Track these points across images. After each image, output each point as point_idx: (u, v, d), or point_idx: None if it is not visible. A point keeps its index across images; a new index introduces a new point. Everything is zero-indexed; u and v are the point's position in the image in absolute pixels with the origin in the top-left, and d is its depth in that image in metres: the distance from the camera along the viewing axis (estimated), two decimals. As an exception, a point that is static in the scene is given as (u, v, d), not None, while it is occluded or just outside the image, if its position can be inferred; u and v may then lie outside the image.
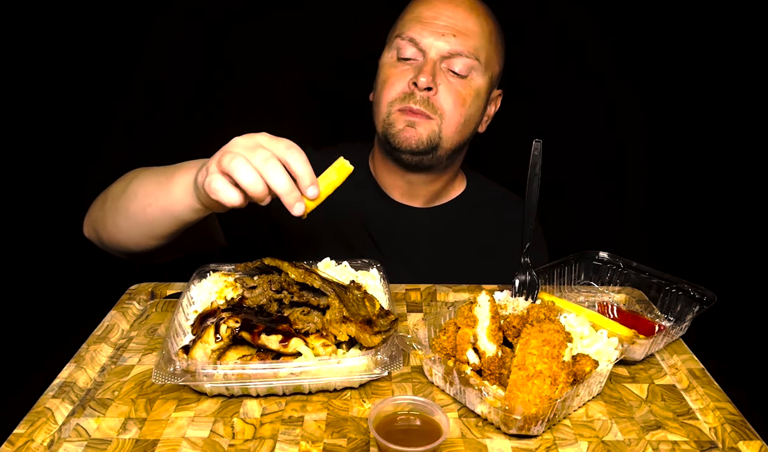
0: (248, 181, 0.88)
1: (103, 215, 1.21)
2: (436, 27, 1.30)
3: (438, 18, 1.31)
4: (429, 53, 1.30)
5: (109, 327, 1.08)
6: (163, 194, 1.06)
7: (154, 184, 1.09)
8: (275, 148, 0.90)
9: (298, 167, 0.90)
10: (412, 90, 1.30)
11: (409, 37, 1.31)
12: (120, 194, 1.15)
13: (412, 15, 1.34)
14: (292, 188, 0.89)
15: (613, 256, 1.26)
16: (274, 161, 0.89)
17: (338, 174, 0.97)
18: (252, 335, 0.90)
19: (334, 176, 0.97)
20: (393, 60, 1.35)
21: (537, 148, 1.09)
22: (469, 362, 0.90)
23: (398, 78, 1.32)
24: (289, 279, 0.99)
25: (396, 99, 1.32)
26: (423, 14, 1.32)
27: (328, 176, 0.97)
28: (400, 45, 1.33)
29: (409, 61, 1.33)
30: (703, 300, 1.10)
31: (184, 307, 1.05)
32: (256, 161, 0.88)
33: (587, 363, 0.89)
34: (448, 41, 1.30)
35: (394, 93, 1.32)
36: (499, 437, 0.84)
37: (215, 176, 0.90)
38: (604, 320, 1.05)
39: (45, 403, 0.87)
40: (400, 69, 1.33)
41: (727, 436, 0.86)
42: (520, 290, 1.14)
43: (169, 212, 1.07)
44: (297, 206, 0.90)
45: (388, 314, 0.99)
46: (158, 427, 0.85)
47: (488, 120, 1.47)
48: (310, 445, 0.82)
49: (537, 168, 1.08)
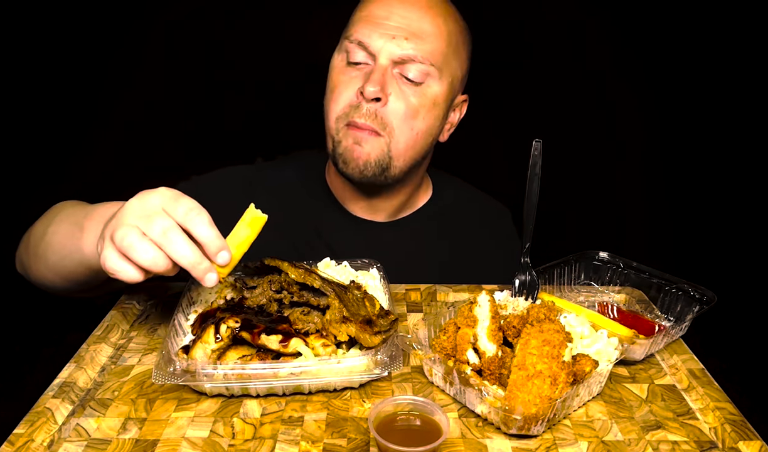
0: (147, 259, 0.79)
1: (27, 257, 1.16)
2: (386, 28, 1.17)
3: (389, 18, 1.17)
4: (379, 58, 1.17)
5: (109, 327, 1.08)
6: (76, 248, 0.98)
7: (68, 235, 1.01)
8: (174, 212, 0.81)
9: (202, 232, 0.81)
10: (359, 101, 1.18)
11: (358, 39, 1.18)
12: (40, 239, 1.09)
13: (361, 13, 1.21)
14: (200, 258, 0.81)
15: (613, 256, 1.26)
16: (174, 230, 0.80)
17: (251, 227, 0.88)
18: (252, 335, 0.90)
19: (246, 232, 0.87)
20: (342, 65, 1.22)
21: (537, 148, 1.08)
22: (469, 362, 0.90)
23: (346, 86, 1.20)
24: (289, 279, 0.99)
25: (342, 114, 1.20)
26: (373, 13, 1.19)
27: (238, 233, 0.87)
28: (348, 48, 1.20)
29: (359, 66, 1.20)
30: (703, 300, 1.10)
31: (184, 307, 1.05)
32: (154, 233, 0.79)
33: (587, 363, 0.89)
34: (400, 44, 1.16)
35: (341, 105, 1.20)
36: (499, 437, 0.84)
37: (110, 254, 0.80)
38: (604, 320, 1.05)
39: (45, 403, 0.87)
40: (349, 75, 1.20)
41: (727, 436, 0.86)
42: (520, 290, 1.14)
43: (83, 264, 0.99)
44: (208, 278, 0.82)
45: (388, 314, 0.99)
46: (158, 427, 0.85)
47: (451, 128, 1.35)
48: (310, 445, 0.82)
49: (537, 168, 1.08)
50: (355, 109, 1.18)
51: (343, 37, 1.23)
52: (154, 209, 0.81)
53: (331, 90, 1.23)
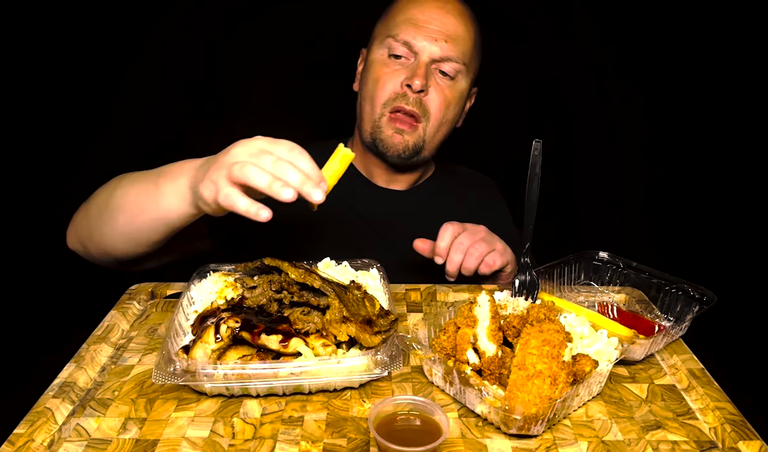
0: (263, 185, 0.89)
1: (88, 226, 1.20)
2: (429, 31, 1.36)
3: (431, 22, 1.37)
4: (422, 56, 1.36)
5: (109, 327, 1.08)
6: (153, 202, 1.06)
7: (142, 193, 1.08)
8: (278, 151, 0.92)
9: (303, 165, 0.92)
10: (404, 91, 1.36)
11: (404, 39, 1.36)
12: (105, 205, 1.15)
13: (404, 16, 1.39)
14: (306, 178, 0.91)
15: (613, 256, 1.27)
16: (282, 161, 0.91)
17: (341, 163, 0.99)
18: (252, 335, 0.90)
19: (337, 166, 0.99)
20: (384, 58, 1.40)
21: (537, 148, 1.09)
22: (469, 362, 0.90)
23: (390, 77, 1.38)
24: (289, 279, 0.99)
25: (388, 100, 1.38)
26: (416, 17, 1.37)
27: (330, 166, 0.98)
28: (392, 44, 1.38)
29: (400, 60, 1.38)
30: (703, 300, 1.10)
31: (184, 307, 1.05)
32: (266, 164, 0.90)
33: (587, 363, 0.89)
34: (440, 46, 1.36)
35: (387, 94, 1.38)
36: (499, 437, 0.84)
37: (229, 190, 0.91)
38: (604, 320, 1.05)
39: (45, 403, 0.87)
40: (392, 68, 1.38)
41: (727, 436, 0.86)
42: (520, 290, 1.14)
43: (160, 220, 1.07)
44: (315, 193, 0.90)
45: (388, 314, 0.99)
46: (158, 427, 0.85)
47: (464, 115, 1.54)
48: (310, 445, 0.82)
49: (537, 168, 1.08)
50: (401, 97, 1.36)
51: (386, 35, 1.39)
52: (260, 148, 0.92)
53: (374, 80, 1.39)
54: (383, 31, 1.42)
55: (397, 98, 1.37)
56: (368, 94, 1.41)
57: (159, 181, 1.06)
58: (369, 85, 1.41)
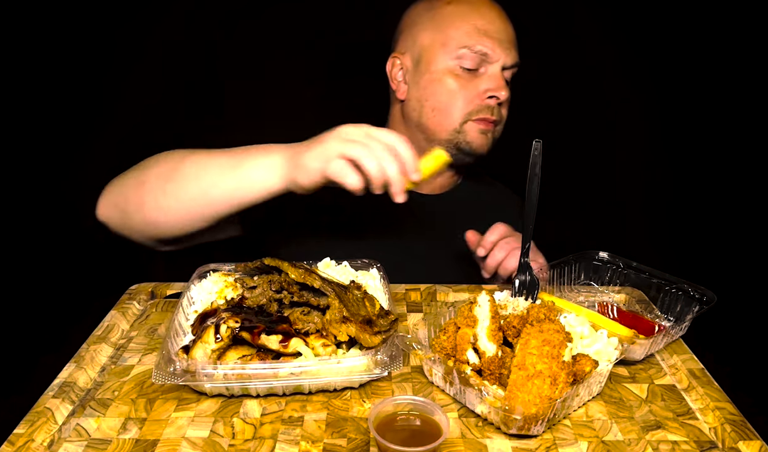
0: (372, 169, 0.99)
1: (139, 195, 1.19)
2: (502, 42, 1.38)
3: (500, 32, 1.39)
4: (497, 66, 1.39)
5: (109, 327, 1.08)
6: (231, 177, 1.11)
7: (224, 166, 1.13)
8: (386, 139, 1.02)
9: (405, 154, 1.01)
10: (486, 103, 1.38)
11: (482, 51, 1.36)
12: (169, 175, 1.17)
13: (471, 25, 1.38)
14: (401, 176, 1.01)
15: (613, 256, 1.26)
16: (389, 150, 1.00)
17: (435, 161, 1.08)
18: (252, 336, 0.90)
19: (431, 163, 1.08)
20: (458, 69, 1.39)
21: (537, 148, 1.09)
22: (469, 362, 0.90)
23: (469, 90, 1.39)
24: (289, 279, 0.99)
25: (468, 111, 1.39)
26: (486, 27, 1.37)
27: (425, 161, 1.07)
28: (465, 55, 1.37)
29: (472, 72, 1.39)
30: (703, 300, 1.10)
31: (184, 307, 1.05)
32: (376, 151, 1.00)
33: (587, 363, 0.89)
34: (511, 55, 1.40)
35: (468, 105, 1.39)
36: (499, 437, 0.84)
37: (339, 162, 1.01)
38: (604, 320, 1.05)
39: (45, 403, 0.87)
40: (467, 79, 1.39)
41: (727, 436, 0.86)
42: (520, 290, 1.14)
43: (236, 194, 1.12)
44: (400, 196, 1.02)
45: (388, 314, 0.99)
46: (158, 427, 0.85)
47: None
48: (310, 445, 0.82)
49: (537, 168, 1.08)
50: (485, 108, 1.39)
51: (457, 45, 1.38)
52: (369, 134, 1.02)
53: (451, 91, 1.39)
54: (447, 41, 1.39)
55: (479, 109, 1.38)
56: (441, 106, 1.40)
57: (241, 156, 1.12)
58: (441, 97, 1.40)
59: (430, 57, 1.41)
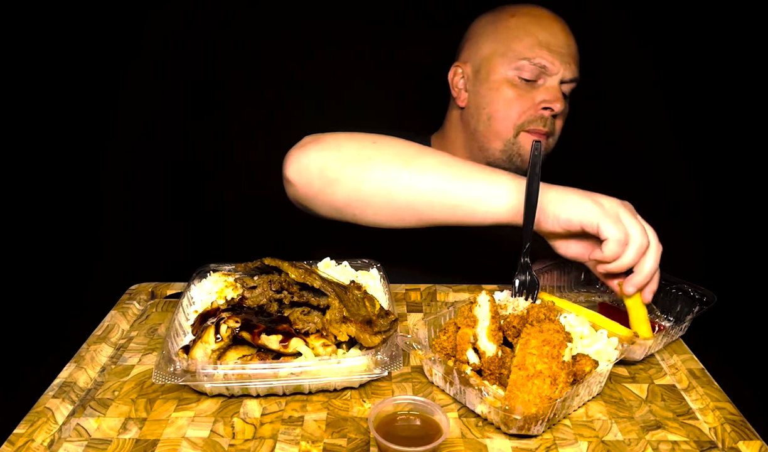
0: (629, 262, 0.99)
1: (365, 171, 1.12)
2: (563, 55, 1.38)
3: (561, 46, 1.39)
4: (555, 79, 1.39)
5: (109, 327, 1.08)
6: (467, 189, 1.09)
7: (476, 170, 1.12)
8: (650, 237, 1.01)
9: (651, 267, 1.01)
10: (540, 113, 1.39)
11: (541, 63, 1.37)
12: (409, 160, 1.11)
13: (534, 39, 1.38)
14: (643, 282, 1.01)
15: (613, 256, 1.26)
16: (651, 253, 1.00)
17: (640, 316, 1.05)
18: (252, 336, 0.90)
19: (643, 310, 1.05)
20: (516, 79, 1.40)
21: (537, 148, 1.08)
22: (469, 362, 0.90)
23: (525, 100, 1.40)
24: (289, 279, 0.99)
25: (525, 121, 1.40)
26: (548, 40, 1.38)
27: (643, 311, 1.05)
28: (524, 66, 1.38)
29: (530, 82, 1.40)
30: (703, 300, 1.10)
31: (184, 307, 1.05)
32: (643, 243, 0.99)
33: (587, 363, 0.89)
34: (570, 69, 1.40)
35: (523, 115, 1.40)
36: (499, 437, 0.84)
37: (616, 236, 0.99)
38: (604, 320, 1.05)
39: (45, 403, 0.87)
40: (524, 90, 1.40)
41: (727, 436, 0.86)
42: (520, 290, 1.14)
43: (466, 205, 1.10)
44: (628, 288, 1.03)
45: (388, 314, 0.99)
46: (158, 427, 0.85)
47: None
48: (310, 445, 0.82)
49: (537, 168, 1.08)
50: (538, 119, 1.39)
51: (517, 57, 1.39)
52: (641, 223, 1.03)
53: (507, 101, 1.40)
54: (507, 52, 1.40)
55: (534, 120, 1.39)
56: (496, 114, 1.41)
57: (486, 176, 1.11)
58: (497, 105, 1.41)
59: (490, 67, 1.42)
